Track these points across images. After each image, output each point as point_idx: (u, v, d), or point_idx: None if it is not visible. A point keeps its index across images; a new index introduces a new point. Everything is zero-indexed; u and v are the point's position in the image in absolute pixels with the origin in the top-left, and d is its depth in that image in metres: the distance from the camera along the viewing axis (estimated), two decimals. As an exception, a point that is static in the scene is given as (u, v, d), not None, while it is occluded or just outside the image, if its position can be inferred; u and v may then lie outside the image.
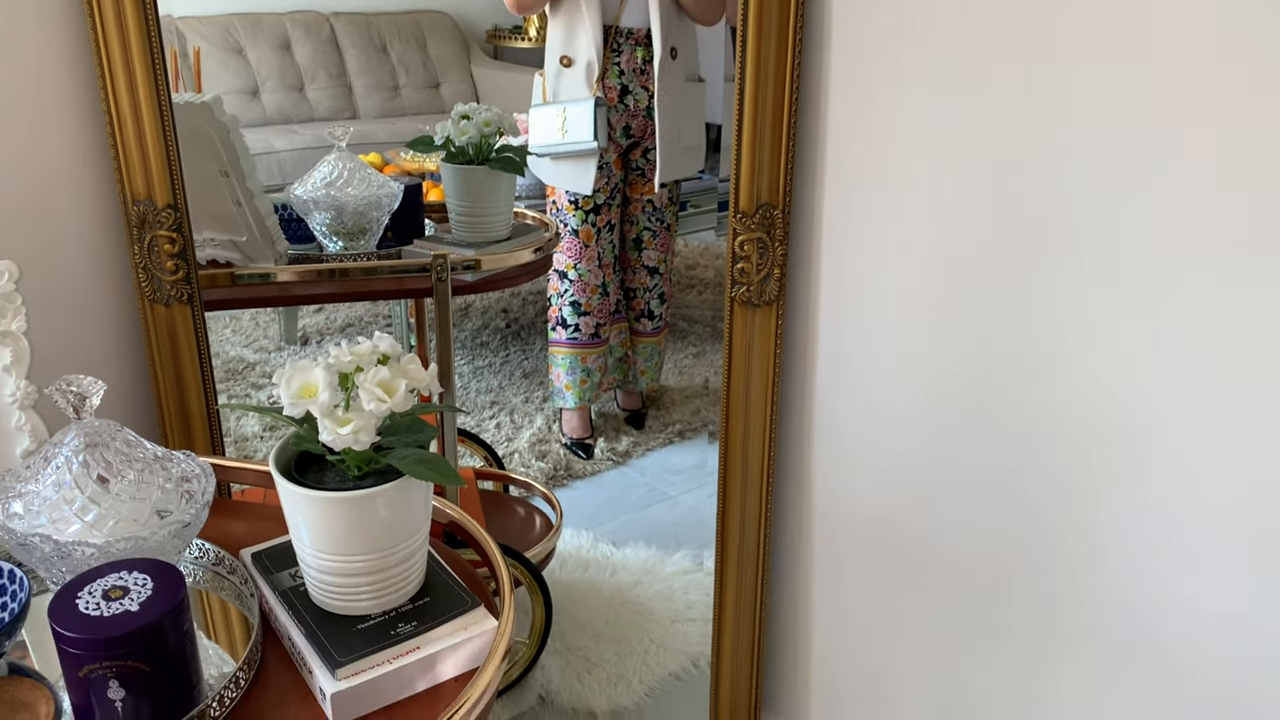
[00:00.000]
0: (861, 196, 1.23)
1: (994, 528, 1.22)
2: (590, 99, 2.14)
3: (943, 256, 1.18)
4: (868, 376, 1.30)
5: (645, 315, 2.52)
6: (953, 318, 1.19)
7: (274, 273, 1.39)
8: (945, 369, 1.22)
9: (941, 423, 1.24)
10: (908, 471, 1.29)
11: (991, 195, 1.12)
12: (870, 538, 1.37)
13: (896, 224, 1.21)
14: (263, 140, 3.69)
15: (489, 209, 1.57)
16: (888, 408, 1.29)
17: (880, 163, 1.20)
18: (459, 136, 1.52)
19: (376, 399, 0.79)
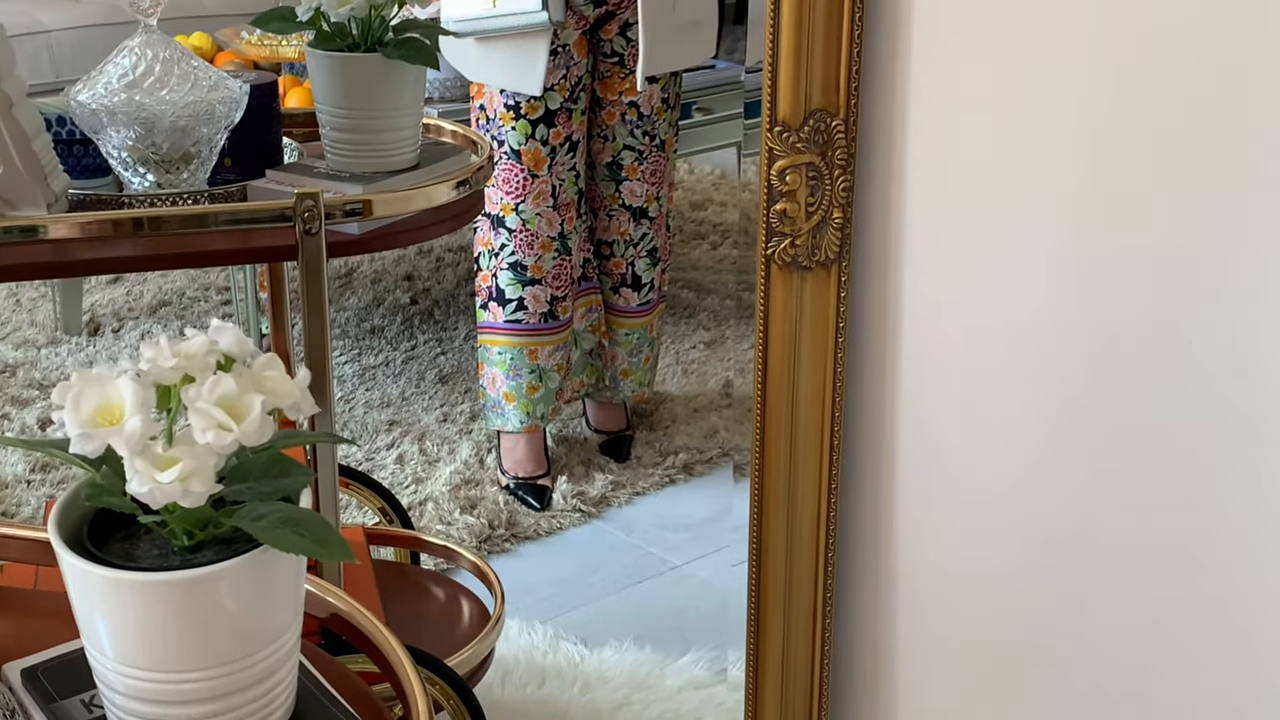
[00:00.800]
0: (984, 90, 1.23)
1: (1161, 622, 1.23)
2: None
3: (1124, 202, 1.19)
4: (985, 385, 1.30)
5: (628, 284, 2.53)
6: (1138, 297, 1.20)
7: (45, 225, 1.39)
8: (1117, 382, 1.22)
9: (1093, 464, 1.24)
10: (1044, 531, 1.30)
11: (1207, 99, 1.13)
12: (986, 634, 1.37)
13: (1034, 132, 1.21)
14: (23, 13, 3.69)
15: (384, 121, 1.57)
16: (1013, 432, 1.29)
17: (1010, 34, 1.20)
18: (336, 8, 1.51)
19: (217, 426, 0.78)
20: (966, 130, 1.25)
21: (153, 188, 1.50)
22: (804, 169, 1.26)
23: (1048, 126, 1.21)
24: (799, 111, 1.25)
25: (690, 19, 2.30)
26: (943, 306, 1.31)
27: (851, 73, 1.25)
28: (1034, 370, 1.27)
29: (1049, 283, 1.24)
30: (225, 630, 0.85)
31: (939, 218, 1.29)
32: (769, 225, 1.29)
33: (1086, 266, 1.22)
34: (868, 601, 1.46)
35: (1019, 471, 1.31)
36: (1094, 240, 1.21)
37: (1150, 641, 1.26)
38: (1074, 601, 1.30)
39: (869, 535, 1.43)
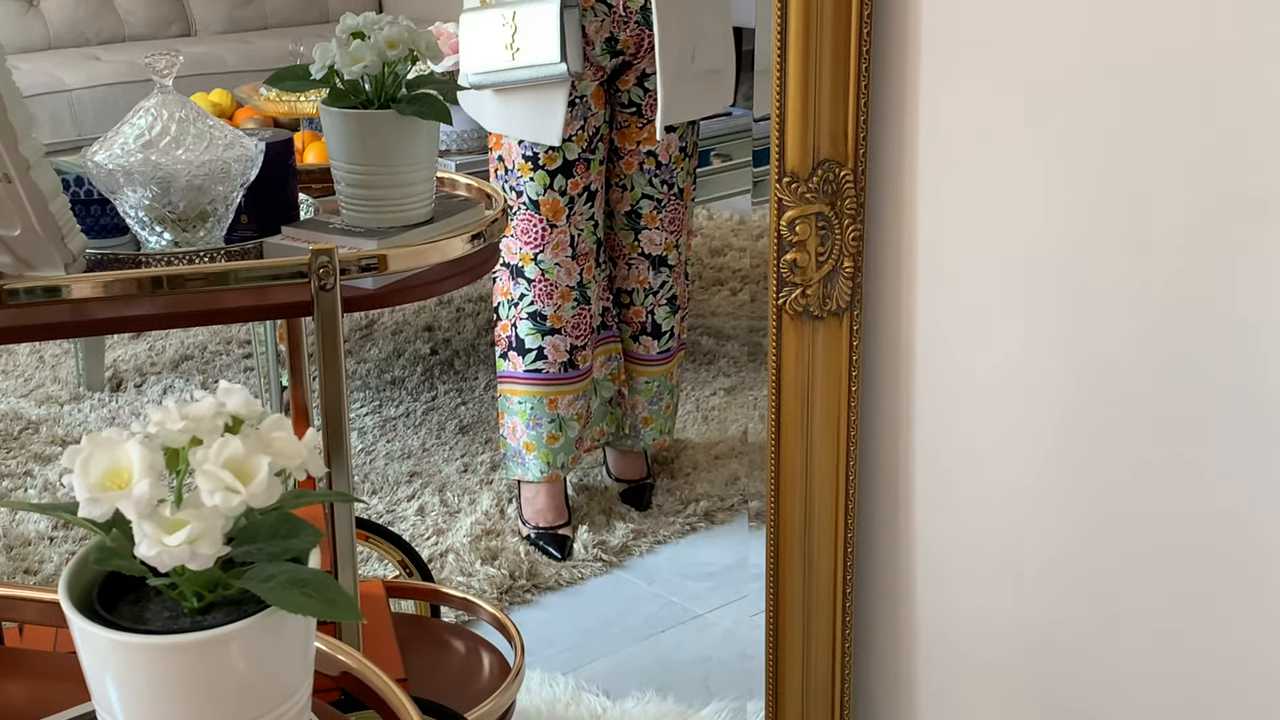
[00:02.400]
0: (981, 143, 1.24)
1: (1188, 671, 1.23)
2: (554, 2, 2.15)
3: (1130, 239, 1.19)
4: (997, 430, 1.30)
5: (648, 332, 2.53)
6: (1142, 336, 1.20)
7: (65, 285, 1.40)
8: (1128, 422, 1.22)
9: (1115, 509, 1.24)
10: (1071, 580, 1.29)
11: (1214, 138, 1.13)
12: (1008, 682, 1.37)
13: (1042, 176, 1.22)
14: (45, 73, 3.74)
15: (398, 177, 1.58)
16: (1028, 478, 1.29)
17: (1017, 81, 1.21)
18: (349, 66, 1.53)
19: (224, 488, 0.79)
20: (974, 178, 1.26)
21: (170, 246, 1.51)
22: (813, 219, 1.27)
23: (1055, 174, 1.21)
24: (807, 162, 1.26)
25: (708, 67, 2.32)
26: (956, 353, 1.31)
27: (859, 122, 1.26)
28: (1051, 415, 1.27)
29: (1061, 325, 1.24)
30: (236, 691, 0.85)
31: (950, 265, 1.29)
32: (780, 275, 1.30)
33: (1099, 308, 1.22)
34: (887, 652, 1.45)
35: (1039, 516, 1.31)
36: (1103, 282, 1.21)
37: (1178, 689, 1.25)
38: (1099, 647, 1.29)
39: (887, 584, 1.43)
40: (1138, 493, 1.24)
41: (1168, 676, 1.25)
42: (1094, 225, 1.20)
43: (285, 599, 0.82)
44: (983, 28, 1.22)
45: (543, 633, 2.23)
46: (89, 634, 0.83)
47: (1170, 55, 1.14)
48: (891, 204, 1.30)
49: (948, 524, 1.37)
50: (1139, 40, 1.15)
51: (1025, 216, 1.24)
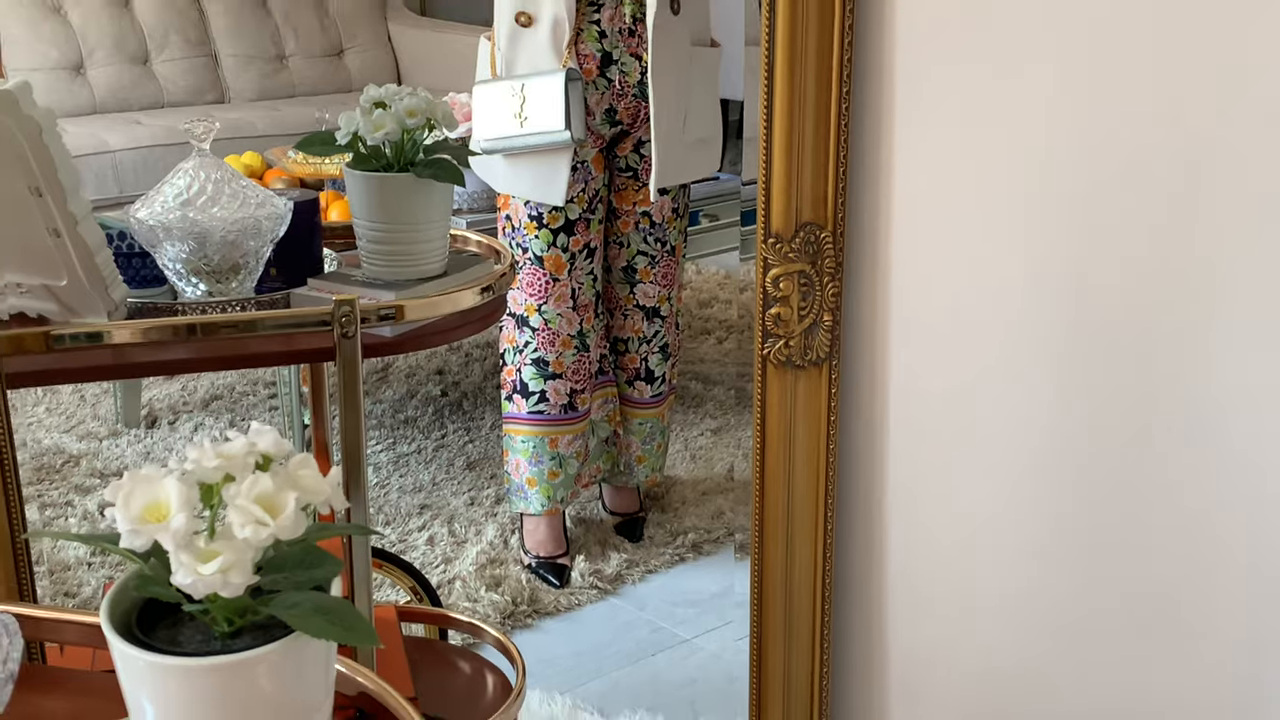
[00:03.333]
0: (950, 207, 1.25)
1: (1151, 696, 1.22)
2: (559, 72, 2.17)
3: (1081, 285, 1.19)
4: (966, 471, 1.30)
5: (641, 377, 2.53)
6: (1098, 380, 1.20)
7: (107, 331, 1.40)
8: (1080, 460, 1.22)
9: (1077, 540, 1.24)
10: (1030, 612, 1.29)
11: (1150, 222, 1.14)
12: (975, 700, 1.36)
13: (1008, 244, 1.22)
14: (91, 135, 3.75)
15: (414, 234, 1.58)
16: (995, 515, 1.29)
17: (981, 155, 1.22)
18: (371, 132, 1.53)
19: (254, 522, 0.79)
20: (943, 243, 1.26)
21: (204, 296, 1.51)
22: (796, 277, 1.28)
23: (1021, 241, 1.22)
24: (790, 225, 1.26)
25: (698, 136, 2.33)
26: (927, 400, 1.32)
27: (838, 189, 1.26)
28: (1017, 459, 1.27)
29: (1028, 375, 1.25)
30: (263, 709, 0.85)
31: (921, 319, 1.30)
32: (765, 328, 1.30)
33: (1063, 355, 1.22)
34: (861, 674, 1.45)
35: (1008, 554, 1.31)
36: (1070, 329, 1.21)
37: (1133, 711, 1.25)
38: (1069, 683, 1.29)
39: (859, 616, 1.43)
40: (1097, 531, 1.24)
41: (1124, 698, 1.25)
42: (1055, 281, 1.21)
43: (309, 625, 0.81)
44: (952, 107, 1.23)
45: (542, 655, 2.22)
46: (128, 656, 0.83)
47: (1134, 124, 1.15)
48: (868, 264, 1.30)
49: (919, 557, 1.37)
50: (1105, 111, 1.16)
51: (992, 276, 1.24)
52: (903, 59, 1.24)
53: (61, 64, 4.00)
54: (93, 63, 4.05)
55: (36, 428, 2.98)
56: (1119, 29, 1.13)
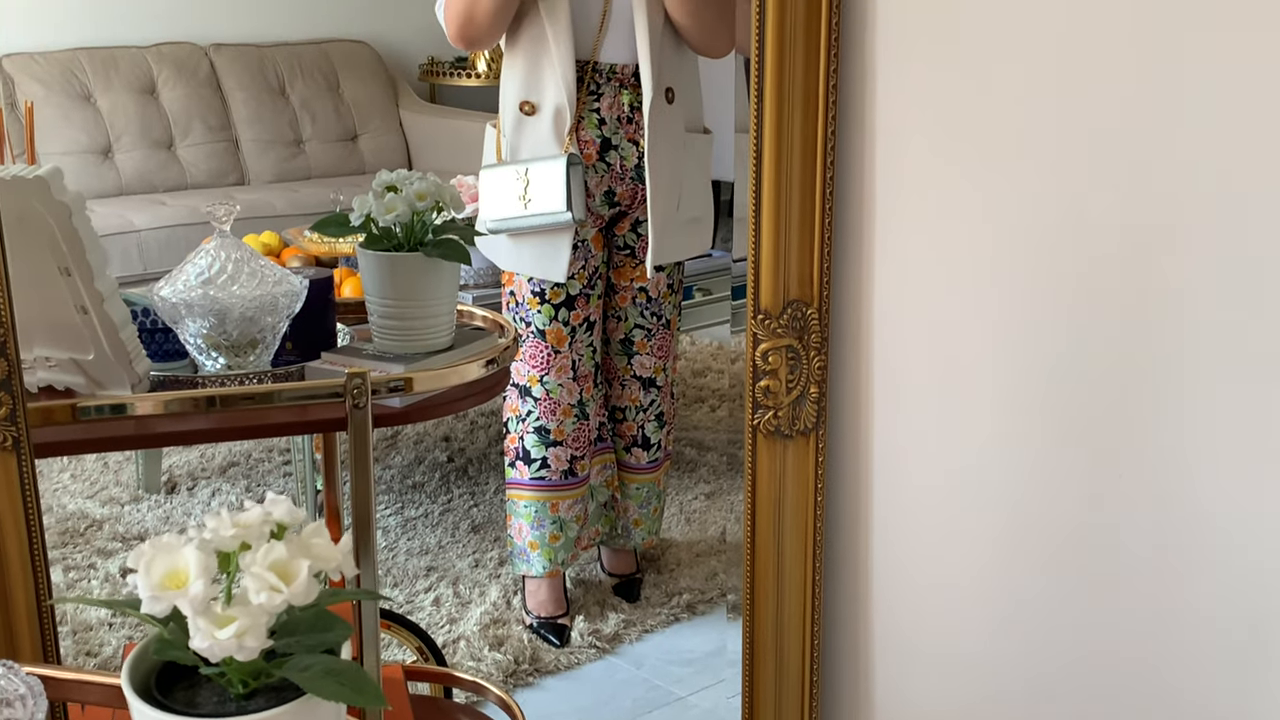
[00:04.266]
0: (930, 285, 1.25)
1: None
2: (561, 156, 2.19)
3: (1054, 365, 1.20)
4: (946, 533, 1.30)
5: (639, 444, 2.53)
6: (1070, 450, 1.20)
7: (131, 404, 1.40)
8: (1060, 526, 1.22)
9: (1058, 603, 1.24)
10: (1014, 671, 1.28)
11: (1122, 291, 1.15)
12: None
13: (984, 316, 1.23)
14: (117, 215, 3.77)
15: (423, 309, 1.59)
16: (975, 574, 1.29)
17: (955, 237, 1.23)
18: (383, 214, 1.54)
19: (269, 588, 0.79)
20: (925, 315, 1.27)
21: (224, 369, 1.52)
22: (784, 351, 1.28)
23: (998, 317, 1.22)
24: (778, 302, 1.27)
25: (691, 216, 2.35)
26: (909, 468, 1.32)
27: (823, 269, 1.27)
28: (997, 524, 1.27)
29: (1008, 446, 1.25)
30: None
31: (903, 391, 1.30)
32: (754, 399, 1.30)
33: (1041, 426, 1.22)
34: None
35: (992, 614, 1.30)
36: (1049, 401, 1.22)
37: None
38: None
39: (848, 673, 1.42)
40: (1078, 595, 1.24)
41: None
42: (1034, 355, 1.21)
43: (321, 687, 0.81)
44: (931, 194, 1.24)
45: (544, 712, 2.20)
46: (147, 717, 0.82)
47: (1112, 204, 1.16)
48: (851, 339, 1.31)
49: (904, 618, 1.37)
50: (1083, 192, 1.17)
51: (971, 351, 1.25)
52: (883, 149, 1.25)
53: (91, 148, 4.04)
54: (120, 147, 4.08)
55: (61, 493, 2.97)
56: (1094, 112, 1.14)
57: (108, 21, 4.20)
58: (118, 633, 2.34)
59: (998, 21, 1.17)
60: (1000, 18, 1.17)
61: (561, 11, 2.17)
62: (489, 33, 2.19)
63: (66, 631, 2.33)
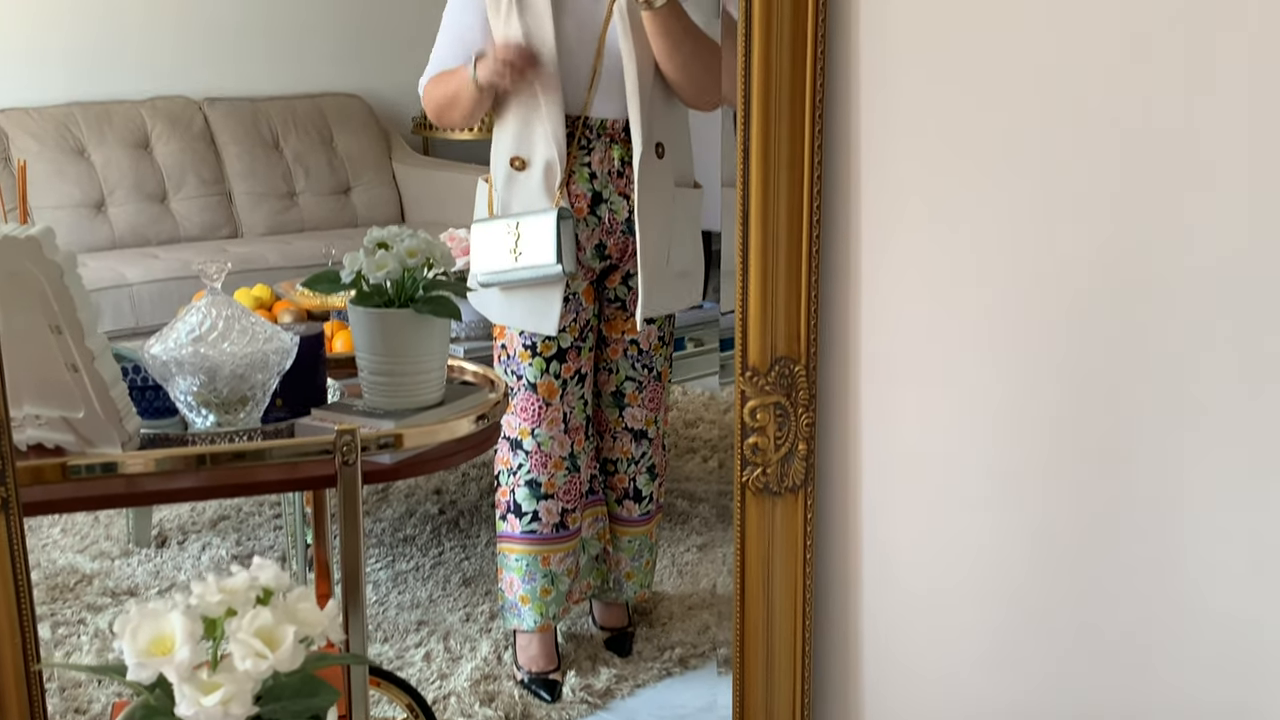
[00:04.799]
0: (915, 342, 1.26)
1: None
2: (551, 210, 2.20)
3: (1045, 425, 1.20)
4: (933, 591, 1.30)
5: (630, 496, 2.53)
6: (1062, 510, 1.21)
7: (121, 462, 1.40)
8: (1051, 586, 1.22)
9: (1051, 663, 1.24)
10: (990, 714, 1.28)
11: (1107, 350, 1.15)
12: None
13: (969, 376, 1.24)
14: (110, 269, 3.78)
15: (414, 365, 1.59)
16: (962, 632, 1.29)
17: (942, 294, 1.23)
18: (374, 271, 1.55)
19: (254, 654, 0.79)
20: (912, 372, 1.28)
21: (213, 426, 1.52)
22: (772, 408, 1.29)
23: (984, 372, 1.23)
24: (766, 359, 1.28)
25: (681, 269, 2.36)
26: (896, 524, 1.32)
27: (810, 326, 1.28)
28: (986, 581, 1.27)
29: (991, 497, 1.25)
30: (259, 835, 0.84)
31: (891, 449, 1.31)
32: (743, 456, 1.31)
33: (1024, 477, 1.23)
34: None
35: (979, 673, 1.30)
36: (1032, 454, 1.22)
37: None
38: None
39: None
40: (1070, 662, 1.23)
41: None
42: (1019, 411, 1.22)
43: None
44: (916, 251, 1.25)
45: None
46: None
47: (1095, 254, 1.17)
48: (839, 396, 1.32)
49: (893, 672, 1.36)
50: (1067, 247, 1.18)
51: (957, 408, 1.25)
52: (869, 208, 1.26)
53: (84, 202, 4.05)
54: (113, 201, 4.10)
55: (51, 548, 2.96)
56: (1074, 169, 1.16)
57: (102, 76, 4.24)
58: (106, 689, 2.32)
59: (981, 80, 1.18)
60: (984, 75, 1.18)
61: (550, 68, 2.19)
62: (462, 125, 2.28)
63: (54, 688, 2.31)
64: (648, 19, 2.15)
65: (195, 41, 4.40)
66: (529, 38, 2.19)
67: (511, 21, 2.21)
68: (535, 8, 2.19)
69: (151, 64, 4.33)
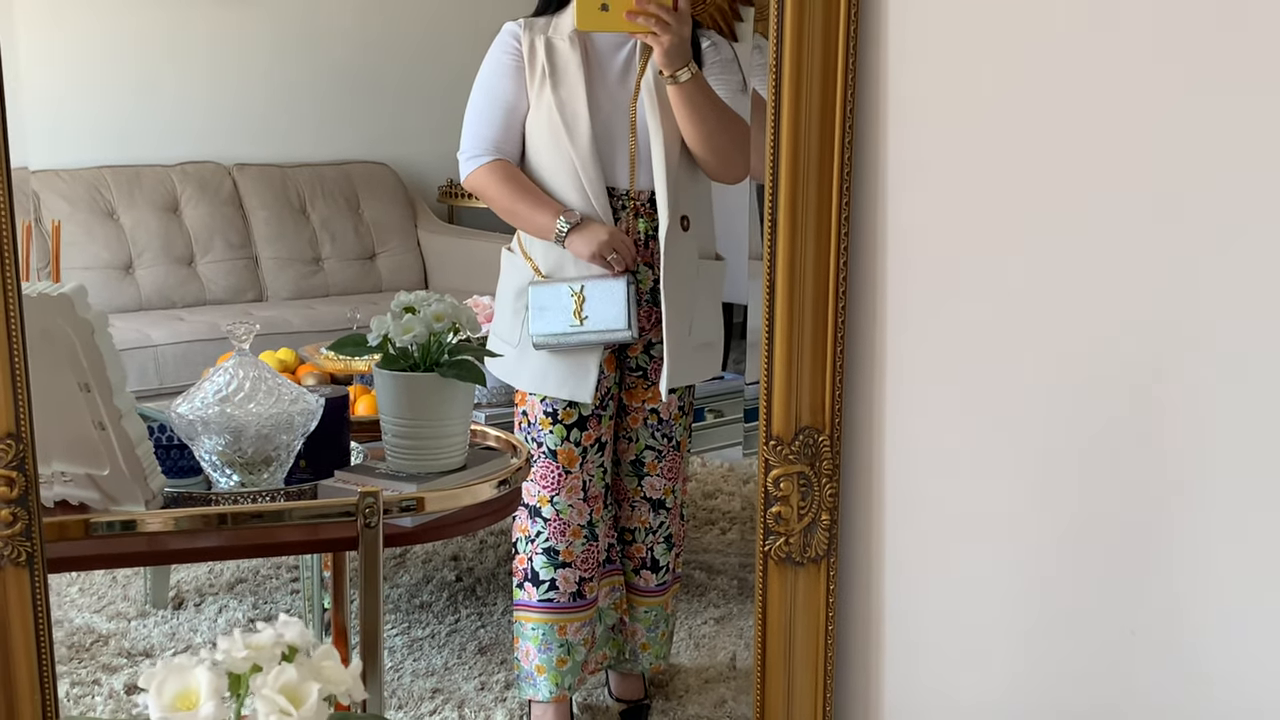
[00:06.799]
0: (940, 414, 1.26)
1: None
2: (624, 277, 2.21)
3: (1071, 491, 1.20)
4: (957, 666, 1.29)
5: (647, 566, 2.52)
6: (1086, 581, 1.20)
7: (142, 520, 1.41)
8: (1076, 659, 1.21)
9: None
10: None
11: (1135, 423, 1.15)
12: None
13: (995, 450, 1.24)
14: (136, 330, 3.81)
15: (438, 429, 1.60)
16: (986, 711, 1.27)
17: (969, 365, 1.24)
18: (401, 335, 1.56)
19: (279, 711, 0.79)
20: (937, 445, 1.28)
21: (237, 486, 1.53)
22: (795, 478, 1.29)
23: (1012, 443, 1.23)
24: (790, 428, 1.28)
25: (703, 341, 2.37)
26: (920, 597, 1.31)
27: (835, 396, 1.28)
28: (1010, 656, 1.26)
29: (1019, 576, 1.25)
30: None
31: (915, 519, 1.30)
32: (766, 525, 1.30)
33: (1050, 545, 1.22)
34: None
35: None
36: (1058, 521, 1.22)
37: None
38: None
39: (860, 805, 1.39)
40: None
41: None
42: (1044, 484, 1.21)
43: (327, 813, 0.81)
44: (944, 317, 1.26)
45: (547, 841, 2.15)
46: (150, 842, 0.82)
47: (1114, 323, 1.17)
48: (864, 466, 1.32)
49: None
50: (1103, 318, 1.18)
51: (982, 480, 1.25)
52: (895, 277, 1.27)
53: (112, 264, 4.10)
54: (141, 263, 4.14)
55: (69, 607, 2.96)
56: (1101, 246, 1.17)
57: (133, 141, 4.30)
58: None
59: (1013, 152, 1.20)
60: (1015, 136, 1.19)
61: (586, 140, 2.22)
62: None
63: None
64: (673, 93, 2.18)
65: (225, 108, 4.47)
66: (563, 109, 2.22)
67: (544, 93, 2.24)
68: (569, 80, 2.23)
69: (182, 129, 4.39)
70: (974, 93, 1.21)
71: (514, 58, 2.28)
